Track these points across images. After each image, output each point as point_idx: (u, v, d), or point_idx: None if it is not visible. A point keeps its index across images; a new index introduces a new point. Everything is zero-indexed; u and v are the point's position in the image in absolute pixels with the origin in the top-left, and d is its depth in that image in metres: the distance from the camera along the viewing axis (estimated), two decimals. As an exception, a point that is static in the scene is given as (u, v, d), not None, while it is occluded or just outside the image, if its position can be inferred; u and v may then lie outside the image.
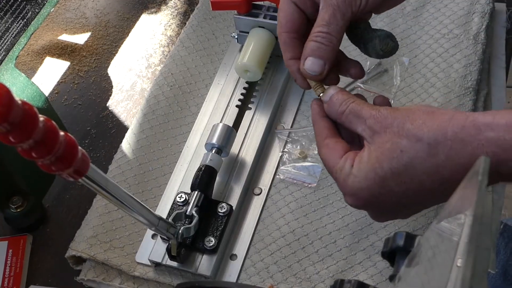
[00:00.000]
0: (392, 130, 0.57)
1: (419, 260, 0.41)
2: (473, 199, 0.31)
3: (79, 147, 0.46)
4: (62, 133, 0.43)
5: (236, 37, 0.95)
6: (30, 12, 0.86)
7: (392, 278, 0.47)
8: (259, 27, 0.90)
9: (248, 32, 0.91)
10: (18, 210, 0.82)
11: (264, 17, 0.90)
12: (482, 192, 0.31)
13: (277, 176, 0.84)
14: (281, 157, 0.86)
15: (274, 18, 0.89)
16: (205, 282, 0.66)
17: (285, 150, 0.86)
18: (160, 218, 0.67)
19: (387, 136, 0.58)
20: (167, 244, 0.74)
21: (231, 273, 0.77)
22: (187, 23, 1.02)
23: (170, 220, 0.73)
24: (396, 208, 0.62)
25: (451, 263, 0.35)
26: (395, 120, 0.58)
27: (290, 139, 0.87)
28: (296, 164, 0.85)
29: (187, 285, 0.58)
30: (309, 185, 0.83)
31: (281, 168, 0.85)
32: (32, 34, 0.87)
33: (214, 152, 0.81)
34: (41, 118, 0.40)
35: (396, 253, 0.47)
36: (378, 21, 0.98)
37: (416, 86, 0.91)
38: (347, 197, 0.63)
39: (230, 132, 0.83)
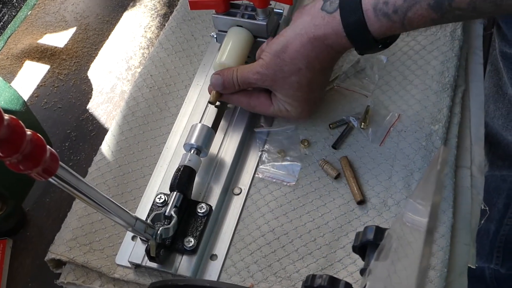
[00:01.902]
0: (280, 76, 0.79)
1: (387, 253, 0.41)
2: (433, 188, 0.32)
3: (48, 147, 0.46)
4: (29, 132, 0.43)
5: (215, 36, 0.95)
6: (7, 16, 0.86)
7: (362, 272, 0.47)
8: (237, 26, 0.91)
9: (226, 31, 0.91)
10: (-2, 214, 0.82)
11: (242, 16, 0.90)
12: (440, 181, 0.31)
13: (256, 175, 0.84)
14: (260, 156, 0.86)
15: (252, 17, 0.89)
16: (178, 280, 0.66)
17: (265, 148, 0.86)
18: (137, 219, 0.67)
19: (280, 82, 0.80)
20: (146, 245, 0.74)
21: (212, 273, 0.77)
22: (166, 25, 1.02)
23: (148, 221, 0.73)
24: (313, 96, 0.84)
25: (417, 253, 0.35)
26: (276, 71, 0.79)
27: (269, 139, 0.87)
28: (275, 163, 0.85)
29: (161, 283, 0.57)
30: (288, 184, 0.83)
31: (260, 167, 0.85)
32: (9, 37, 0.87)
33: (193, 152, 0.81)
34: (6, 116, 0.40)
35: (367, 247, 0.47)
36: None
37: (394, 83, 0.91)
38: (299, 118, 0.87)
39: (208, 132, 0.83)
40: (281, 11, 0.94)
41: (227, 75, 0.83)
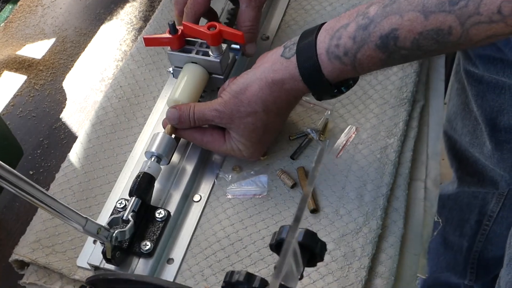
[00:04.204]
0: (236, 116, 0.82)
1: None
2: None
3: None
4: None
5: (171, 72, 0.96)
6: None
7: (276, 268, 0.50)
8: (192, 62, 0.92)
9: (182, 67, 0.92)
10: (-35, 216, 0.85)
11: (197, 53, 0.91)
12: (312, 176, 0.34)
13: (227, 196, 0.87)
14: (217, 174, 0.89)
15: (206, 54, 0.91)
16: (109, 274, 0.69)
17: (221, 169, 0.90)
18: (88, 219, 0.69)
19: (236, 121, 0.82)
20: (103, 248, 0.77)
21: (168, 276, 0.80)
22: (138, 38, 1.06)
23: (105, 224, 0.75)
24: (268, 138, 0.87)
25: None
26: (233, 110, 0.81)
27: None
28: (242, 181, 0.87)
29: (94, 277, 0.61)
30: (260, 196, 0.86)
31: (229, 188, 0.87)
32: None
33: (153, 160, 0.84)
34: None
35: (282, 245, 0.50)
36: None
37: (354, 98, 0.94)
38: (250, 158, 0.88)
39: (169, 141, 0.85)
40: (238, 47, 0.96)
41: (184, 110, 0.85)
